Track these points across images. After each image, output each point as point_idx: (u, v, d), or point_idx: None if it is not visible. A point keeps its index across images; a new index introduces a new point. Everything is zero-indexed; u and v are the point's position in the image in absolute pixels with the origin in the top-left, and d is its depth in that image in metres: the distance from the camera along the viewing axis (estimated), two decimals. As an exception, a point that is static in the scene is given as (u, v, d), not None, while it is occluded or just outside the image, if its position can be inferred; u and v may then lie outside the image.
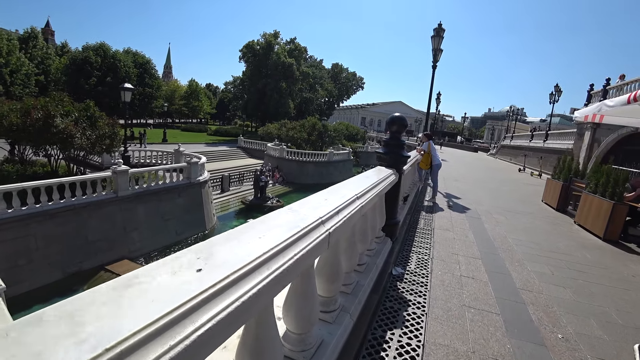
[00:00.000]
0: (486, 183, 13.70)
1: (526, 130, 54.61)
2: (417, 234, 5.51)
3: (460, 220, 6.81)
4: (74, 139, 13.86)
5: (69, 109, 15.10)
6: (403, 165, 4.00)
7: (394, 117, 3.84)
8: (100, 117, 15.78)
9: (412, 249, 4.70)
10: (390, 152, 3.86)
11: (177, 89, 69.16)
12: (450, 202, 8.52)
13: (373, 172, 3.42)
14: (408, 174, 5.94)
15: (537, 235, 6.36)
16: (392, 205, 3.92)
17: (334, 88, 66.82)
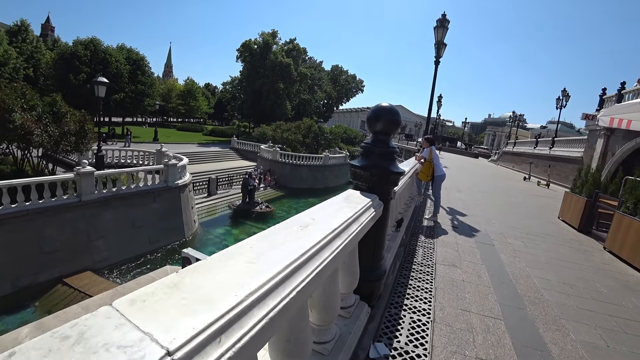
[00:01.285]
0: (492, 194, 12.29)
1: (527, 136, 53.29)
2: (413, 273, 4.08)
3: (469, 248, 5.38)
4: (33, 136, 12.52)
5: (33, 102, 13.79)
6: (392, 186, 2.58)
7: (378, 110, 2.47)
8: (67, 113, 14.44)
9: (404, 304, 3.27)
10: (371, 166, 2.45)
11: (173, 88, 67.80)
12: (454, 221, 7.10)
13: (337, 203, 2.01)
14: (403, 192, 4.51)
15: (567, 271, 4.94)
16: (372, 250, 2.52)
17: (333, 90, 65.51)
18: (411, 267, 4.27)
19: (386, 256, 3.54)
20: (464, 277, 4.18)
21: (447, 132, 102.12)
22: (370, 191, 2.46)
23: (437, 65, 10.71)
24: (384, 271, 2.74)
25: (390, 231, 4.15)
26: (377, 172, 2.42)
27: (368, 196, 2.29)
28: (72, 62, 32.55)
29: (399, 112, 2.54)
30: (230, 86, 68.26)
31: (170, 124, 70.77)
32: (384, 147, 2.49)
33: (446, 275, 4.17)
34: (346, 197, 2.14)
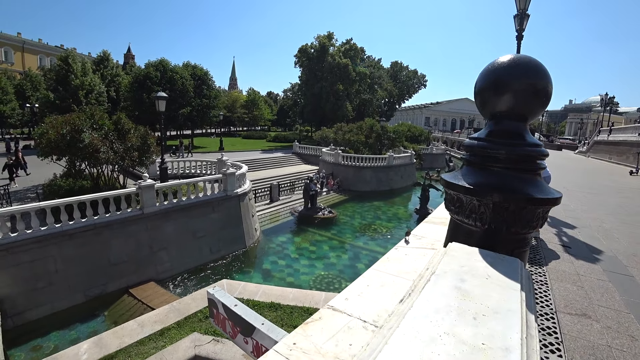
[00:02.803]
0: (598, 196, 9.86)
1: (620, 122, 45.50)
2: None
3: (598, 282, 3.76)
4: (100, 153, 13.27)
5: (102, 122, 14.71)
6: (535, 227, 1.30)
7: (504, 68, 1.23)
8: (131, 130, 15.14)
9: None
10: (493, 187, 1.24)
11: (237, 99, 71.16)
12: (563, 237, 5.37)
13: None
14: None
15: None
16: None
17: (394, 88, 62.88)
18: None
19: None
20: (608, 340, 2.68)
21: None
22: (489, 239, 1.25)
23: (520, 40, 8.78)
24: None
25: None
26: (506, 201, 1.19)
27: (502, 261, 1.09)
28: (144, 83, 35.39)
29: (469, 111, 1.30)
30: (291, 92, 69.58)
31: (236, 133, 74.36)
32: (516, 145, 1.26)
33: (579, 336, 2.71)
34: (458, 277, 0.98)
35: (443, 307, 0.85)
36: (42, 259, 10.30)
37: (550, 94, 1.25)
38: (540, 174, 1.36)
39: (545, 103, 1.26)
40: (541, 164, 1.33)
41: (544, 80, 1.22)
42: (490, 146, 1.27)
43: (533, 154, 1.28)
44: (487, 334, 0.75)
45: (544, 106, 1.27)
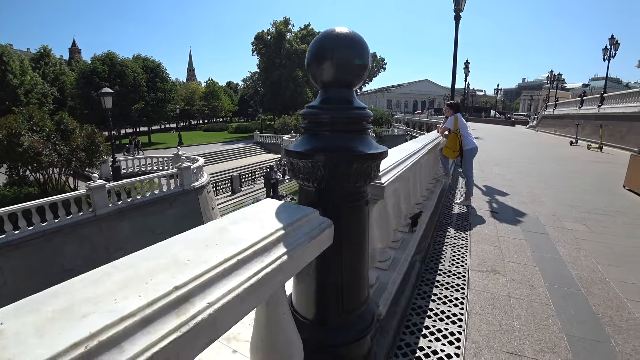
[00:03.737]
0: (537, 165, 10.60)
1: (567, 97, 48.66)
2: (436, 289, 2.96)
3: (515, 241, 4.14)
4: (42, 156, 12.53)
5: (42, 123, 13.86)
6: (365, 179, 1.46)
7: (325, 40, 1.38)
8: (76, 129, 14.38)
9: (417, 347, 2.20)
10: (319, 150, 1.37)
11: (196, 90, 68.74)
12: (493, 204, 5.80)
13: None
14: (418, 177, 3.37)
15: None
16: (336, 296, 1.46)
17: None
18: (434, 278, 3.14)
19: (390, 277, 2.47)
20: (510, 291, 3.00)
21: (478, 101, 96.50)
22: (320, 196, 1.40)
23: (458, 20, 9.13)
24: (368, 322, 1.67)
25: (399, 236, 3.05)
26: (329, 160, 1.33)
27: (304, 210, 1.23)
28: (92, 79, 33.31)
29: (429, 91, 1.45)
30: (251, 81, 68.05)
31: (197, 126, 72.10)
32: (343, 109, 1.40)
33: (484, 289, 3.01)
34: (220, 229, 1.11)
35: (202, 237, 1.01)
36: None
37: (368, 65, 1.41)
38: (369, 133, 1.51)
39: (363, 70, 1.40)
40: (367, 125, 1.48)
41: (360, 50, 1.37)
42: (320, 112, 1.39)
43: (358, 116, 1.42)
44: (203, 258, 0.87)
45: (363, 73, 1.42)
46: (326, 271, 1.49)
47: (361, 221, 1.53)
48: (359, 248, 1.56)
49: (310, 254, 1.17)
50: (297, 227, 1.15)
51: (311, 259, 1.20)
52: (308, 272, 1.50)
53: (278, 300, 1.20)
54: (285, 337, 1.25)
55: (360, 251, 1.58)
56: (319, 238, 1.20)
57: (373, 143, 1.47)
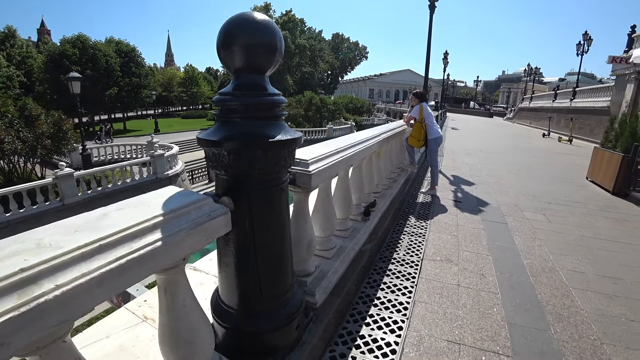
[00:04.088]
0: (507, 156, 10.81)
1: (544, 91, 49.93)
2: (387, 277, 2.94)
3: (473, 230, 4.16)
4: (4, 144, 11.96)
5: (5, 109, 13.21)
6: (281, 166, 1.38)
7: (232, 25, 1.28)
8: (41, 115, 13.75)
9: (359, 335, 2.17)
10: (230, 137, 1.28)
11: (174, 76, 66.69)
12: (458, 193, 5.84)
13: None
14: (346, 174, 3.30)
15: (606, 255, 3.68)
16: (253, 283, 1.40)
17: (336, 60, 62.60)
18: (387, 267, 3.12)
19: (332, 265, 2.42)
20: (460, 279, 3.00)
21: (458, 92, 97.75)
22: (230, 184, 1.33)
23: (433, 10, 9.08)
24: (293, 310, 1.62)
25: (349, 224, 3.00)
26: (236, 147, 1.26)
27: (204, 200, 1.15)
28: (61, 63, 31.72)
29: (411, 81, 1.41)
30: (231, 68, 66.53)
31: (175, 113, 70.25)
32: (254, 96, 1.31)
33: (435, 278, 3.00)
34: (102, 215, 1.05)
35: (79, 222, 0.99)
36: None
37: (277, 48, 1.32)
38: (282, 119, 1.44)
39: (273, 54, 1.32)
40: (281, 111, 1.41)
41: (270, 34, 1.28)
42: (231, 99, 1.31)
43: (271, 102, 1.36)
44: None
45: (273, 58, 1.33)
46: (242, 259, 1.45)
47: (277, 208, 1.47)
48: (276, 235, 1.51)
49: (195, 241, 1.10)
50: (181, 214, 1.09)
51: (200, 246, 1.13)
52: (227, 262, 1.48)
53: (177, 288, 1.18)
54: (187, 324, 1.22)
55: (279, 239, 1.53)
56: (206, 225, 1.13)
57: (287, 130, 1.41)
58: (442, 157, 9.67)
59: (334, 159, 2.17)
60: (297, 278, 2.15)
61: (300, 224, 2.03)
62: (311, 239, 2.12)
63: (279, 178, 1.46)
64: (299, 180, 1.85)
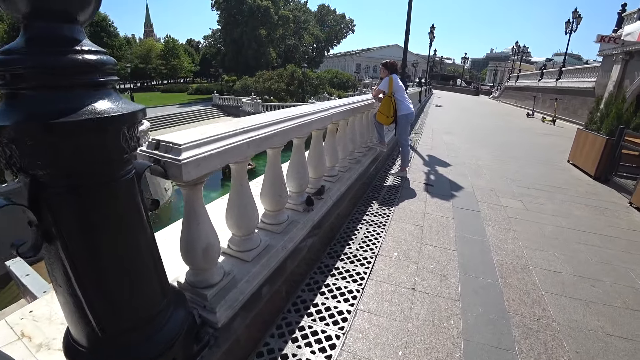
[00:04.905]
0: (489, 135, 10.40)
1: (531, 70, 49.73)
2: (330, 278, 2.45)
3: (441, 219, 3.70)
4: None
5: None
6: (97, 157, 0.86)
7: None
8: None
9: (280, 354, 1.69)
10: (11, 111, 0.80)
11: (152, 48, 63.32)
12: (431, 175, 5.37)
13: None
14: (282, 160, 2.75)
15: (585, 251, 3.27)
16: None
17: (321, 33, 60.30)
18: (334, 265, 2.63)
19: (249, 271, 1.91)
20: (416, 281, 2.54)
21: (446, 69, 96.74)
22: (35, 189, 0.86)
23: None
24: (163, 341, 1.14)
25: (284, 217, 2.47)
26: (28, 133, 0.78)
27: None
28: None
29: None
30: (212, 39, 63.63)
31: (154, 87, 67.29)
32: (56, 53, 0.83)
33: (387, 279, 2.53)
34: None
35: None
36: None
37: None
38: (109, 87, 0.94)
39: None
40: (105, 76, 0.95)
41: None
42: (20, 60, 0.80)
43: (87, 63, 0.87)
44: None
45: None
46: (68, 285, 1.02)
47: (115, 212, 1.03)
48: (116, 247, 1.05)
49: None
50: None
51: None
52: (57, 289, 1.08)
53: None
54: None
55: (124, 250, 1.07)
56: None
57: (117, 101, 0.96)
58: (421, 134, 9.19)
59: (228, 143, 1.63)
60: (196, 290, 1.68)
61: (191, 225, 1.57)
62: (208, 243, 1.62)
63: (114, 171, 1.01)
64: (169, 171, 1.33)
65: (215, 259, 1.74)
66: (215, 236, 1.68)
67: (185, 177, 1.32)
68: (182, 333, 1.34)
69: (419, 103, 16.44)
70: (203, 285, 1.68)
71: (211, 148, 1.50)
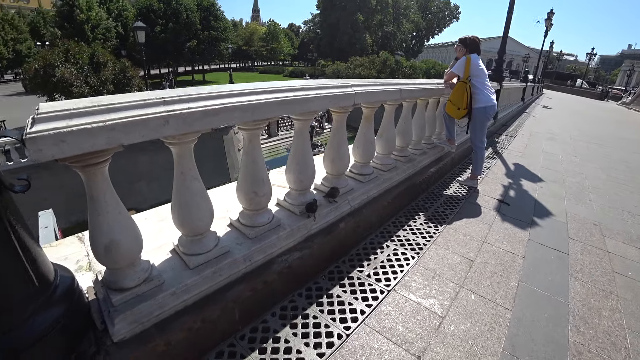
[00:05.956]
0: (606, 148, 8.21)
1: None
2: (313, 313, 1.78)
3: (504, 256, 2.68)
4: (73, 87, 13.25)
5: (79, 56, 14.41)
6: None
7: None
8: (108, 62, 14.92)
9: None
10: None
11: (255, 31, 67.37)
12: (509, 191, 4.17)
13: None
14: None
15: None
16: None
17: (422, 20, 56.36)
18: (328, 290, 1.95)
19: (190, 278, 1.40)
20: (426, 349, 1.71)
21: (565, 67, 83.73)
22: None
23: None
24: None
25: (263, 219, 1.89)
26: None
27: None
28: (148, 16, 33.91)
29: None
30: (312, 24, 64.86)
31: (254, 67, 71.77)
32: None
33: (385, 333, 1.74)
34: None
35: None
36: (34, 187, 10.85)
37: None
38: None
39: None
40: None
41: None
42: None
43: None
44: None
45: None
46: None
47: None
48: None
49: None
50: None
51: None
52: None
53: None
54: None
55: None
56: None
57: None
58: (514, 138, 7.62)
59: (126, 116, 1.19)
60: (109, 292, 1.43)
61: (92, 216, 1.32)
62: (112, 239, 1.34)
63: None
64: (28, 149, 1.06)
65: (127, 259, 1.41)
66: (126, 231, 1.37)
67: (35, 156, 0.99)
68: (48, 334, 1.17)
69: (521, 102, 14.14)
70: (113, 287, 1.42)
71: (93, 120, 1.10)
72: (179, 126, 1.33)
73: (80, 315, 1.35)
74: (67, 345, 1.26)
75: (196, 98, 1.39)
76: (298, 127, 2.07)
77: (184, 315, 1.51)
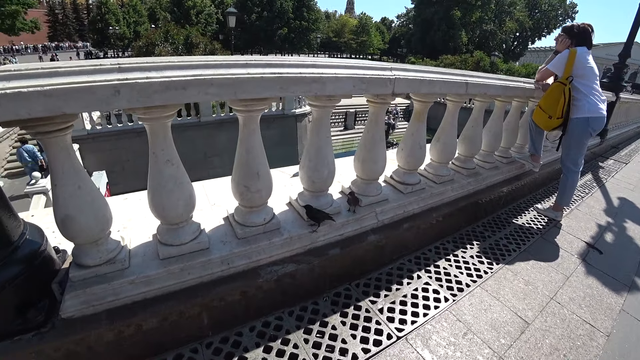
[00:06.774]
0: None
1: None
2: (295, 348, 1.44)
3: (575, 322, 1.99)
4: None
5: (177, 37, 16.35)
6: None
7: None
8: (200, 43, 16.46)
9: None
10: None
11: (346, 23, 67.33)
12: (605, 234, 3.22)
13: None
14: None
15: None
16: None
17: (528, 19, 50.02)
18: (325, 316, 1.58)
19: (151, 268, 1.21)
20: None
21: None
22: None
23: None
24: None
25: (259, 219, 1.60)
26: None
27: None
28: (245, 4, 36.39)
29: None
30: (405, 18, 62.52)
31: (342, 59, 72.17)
32: None
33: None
34: None
35: None
36: (117, 149, 12.40)
37: None
38: None
39: None
40: None
41: None
42: None
43: None
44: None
45: None
46: None
47: None
48: None
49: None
50: None
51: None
52: None
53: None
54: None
55: None
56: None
57: None
58: (626, 164, 6.19)
59: (69, 82, 1.03)
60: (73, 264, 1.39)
61: (53, 187, 1.27)
62: (67, 215, 1.27)
63: None
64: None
65: (85, 236, 1.32)
66: (85, 207, 1.27)
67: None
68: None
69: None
70: (76, 261, 1.37)
71: (30, 84, 0.98)
72: (133, 98, 1.09)
73: (37, 281, 1.29)
74: (15, 308, 1.21)
75: (160, 67, 1.13)
76: (315, 116, 1.71)
77: (142, 308, 1.37)
